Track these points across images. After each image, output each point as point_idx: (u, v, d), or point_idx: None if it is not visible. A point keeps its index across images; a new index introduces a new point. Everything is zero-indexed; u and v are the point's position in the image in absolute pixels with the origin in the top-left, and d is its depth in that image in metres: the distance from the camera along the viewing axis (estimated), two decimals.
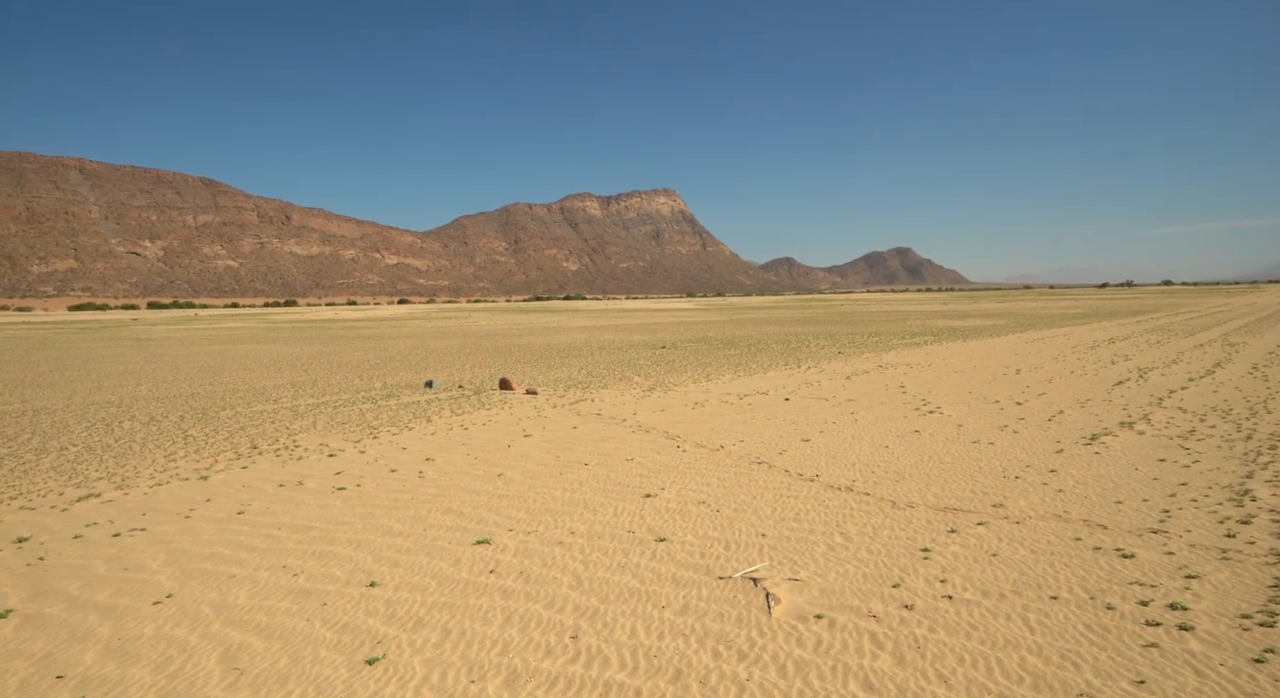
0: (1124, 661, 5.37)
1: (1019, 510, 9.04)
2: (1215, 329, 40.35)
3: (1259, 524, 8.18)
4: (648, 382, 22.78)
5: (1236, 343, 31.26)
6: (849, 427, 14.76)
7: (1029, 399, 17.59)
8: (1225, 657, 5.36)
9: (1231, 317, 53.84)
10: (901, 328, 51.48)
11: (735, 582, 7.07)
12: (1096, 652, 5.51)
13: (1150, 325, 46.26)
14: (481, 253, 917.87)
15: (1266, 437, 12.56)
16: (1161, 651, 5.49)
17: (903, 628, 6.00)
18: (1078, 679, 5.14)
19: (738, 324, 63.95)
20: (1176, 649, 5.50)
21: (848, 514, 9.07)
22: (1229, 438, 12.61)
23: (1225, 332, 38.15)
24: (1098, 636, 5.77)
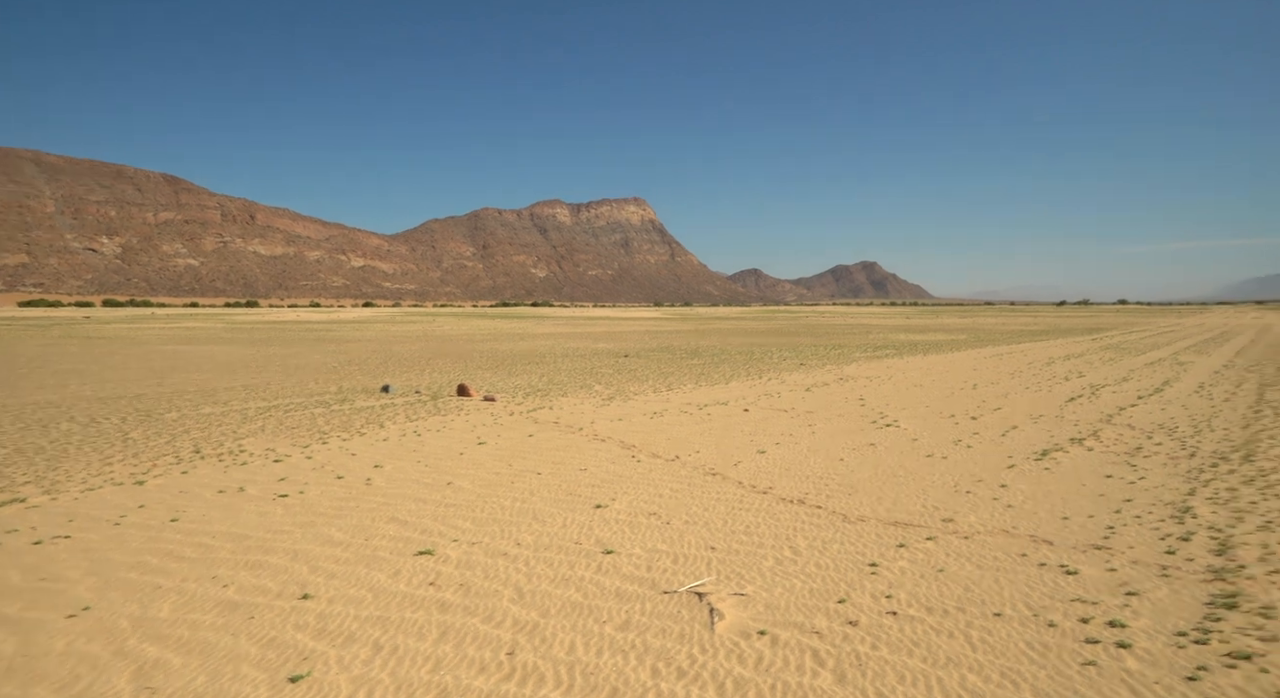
0: (1063, 679, 5.34)
1: (968, 526, 9.04)
2: (1165, 348, 41.31)
3: (1198, 541, 8.26)
4: (608, 390, 22.62)
5: (1185, 362, 32.00)
6: (806, 439, 14.75)
7: (984, 414, 17.76)
8: (1160, 675, 5.36)
9: (1181, 337, 55.21)
10: (864, 341, 51.96)
11: (681, 596, 6.94)
12: (1036, 670, 5.48)
13: (1104, 343, 47.24)
14: (449, 257, 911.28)
15: (1209, 455, 12.78)
16: (1099, 669, 5.47)
17: (845, 645, 5.91)
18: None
19: (703, 334, 64.06)
20: (1114, 668, 5.49)
21: (798, 528, 9.00)
22: (1174, 455, 12.81)
23: (1175, 351, 39.07)
24: (1038, 654, 5.74)
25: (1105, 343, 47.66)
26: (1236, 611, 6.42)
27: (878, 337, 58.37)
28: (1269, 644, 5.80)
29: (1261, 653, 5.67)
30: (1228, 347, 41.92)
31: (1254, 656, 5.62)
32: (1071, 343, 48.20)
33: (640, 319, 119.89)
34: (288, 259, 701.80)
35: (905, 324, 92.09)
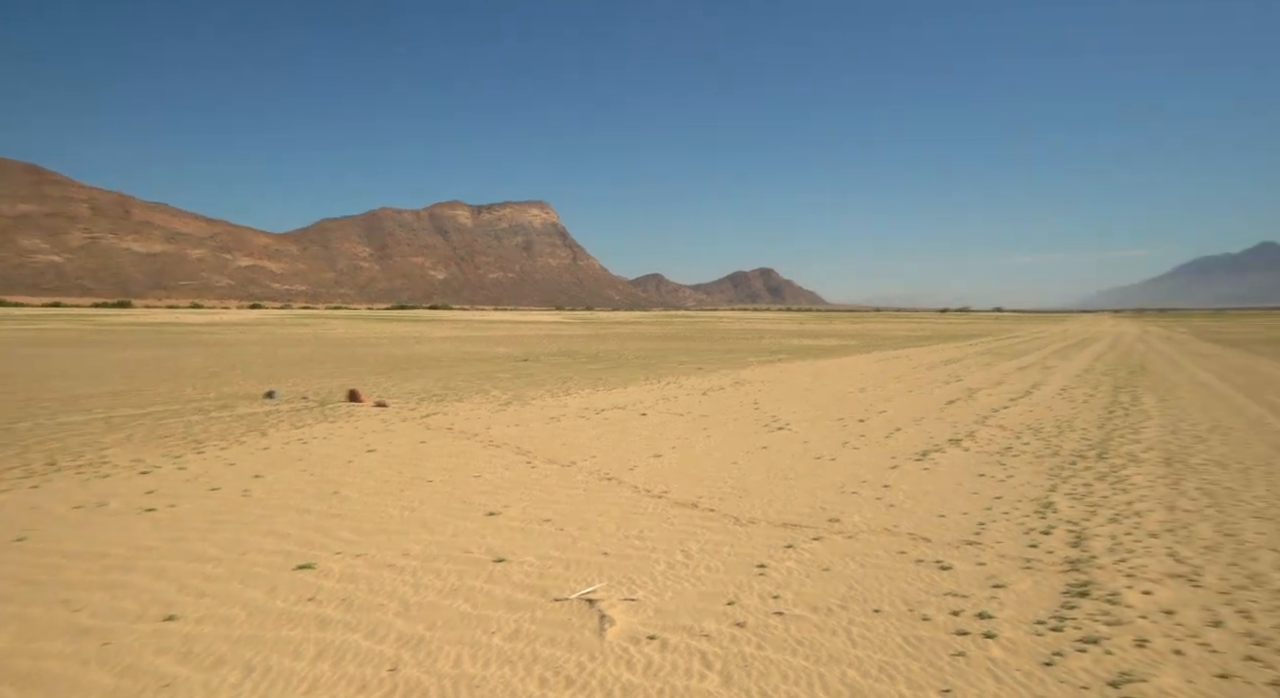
0: (934, 671, 5.60)
1: (853, 525, 9.37)
2: (1034, 353, 44.15)
3: (1057, 535, 8.85)
4: (506, 395, 22.33)
5: (1050, 367, 34.28)
6: (701, 443, 14.97)
7: (871, 417, 18.48)
8: (1021, 662, 5.70)
9: (1048, 342, 59.15)
10: (760, 345, 53.27)
11: (572, 604, 6.90)
12: (910, 663, 5.72)
13: (981, 349, 50.07)
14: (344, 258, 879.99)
15: (1069, 453, 13.72)
16: (968, 659, 5.76)
17: (733, 647, 6.01)
18: (892, 692, 5.29)
19: (603, 338, 64.19)
20: (980, 657, 5.79)
21: (691, 531, 9.11)
22: (1039, 454, 13.69)
23: (1043, 356, 41.80)
24: (913, 647, 5.99)
25: (982, 348, 50.53)
26: (1088, 598, 6.91)
27: (772, 341, 59.96)
28: (1114, 628, 6.26)
29: (1108, 636, 6.11)
30: (1087, 352, 45.18)
31: (1101, 639, 6.06)
32: (952, 348, 50.87)
33: (541, 323, 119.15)
34: (166, 257, 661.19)
35: (799, 329, 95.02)
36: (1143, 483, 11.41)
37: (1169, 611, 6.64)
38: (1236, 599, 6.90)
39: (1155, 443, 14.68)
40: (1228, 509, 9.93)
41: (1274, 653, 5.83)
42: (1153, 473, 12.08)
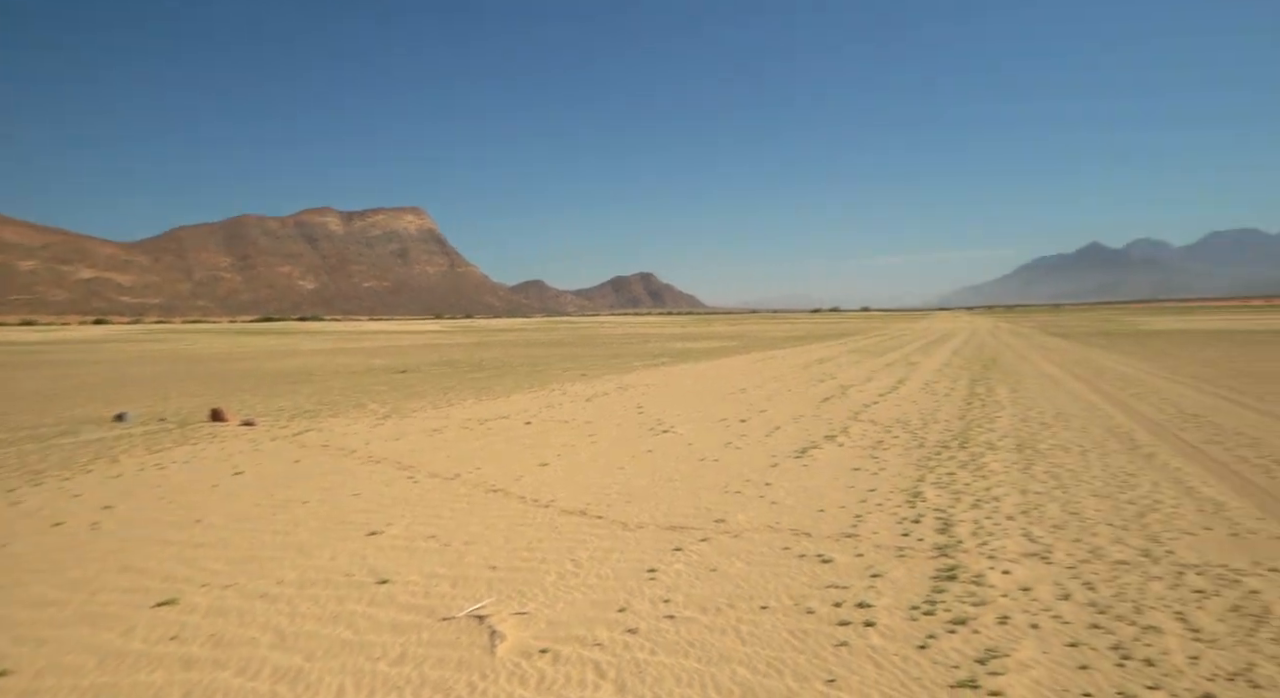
0: (819, 661, 5.80)
1: (738, 525, 9.60)
2: (899, 351, 46.71)
3: (926, 523, 9.38)
4: (385, 408, 21.57)
5: (914, 362, 36.36)
6: (587, 449, 14.95)
7: (751, 417, 19.01)
8: (898, 647, 5.99)
9: (911, 340, 62.74)
10: (642, 350, 53.82)
11: (460, 622, 6.72)
12: (797, 656, 5.91)
13: (851, 347, 52.51)
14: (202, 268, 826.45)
15: (934, 444, 14.59)
16: (850, 648, 6.01)
17: (626, 654, 6.03)
18: (780, 686, 5.45)
19: (485, 346, 63.15)
20: (861, 645, 6.06)
21: (580, 539, 9.08)
22: (907, 446, 14.48)
23: (906, 353, 44.28)
24: (799, 640, 6.19)
25: (852, 347, 53.01)
26: (956, 581, 7.35)
27: (655, 345, 60.73)
28: (979, 608, 6.69)
29: (974, 616, 6.53)
30: (946, 348, 48.23)
31: (968, 620, 6.46)
32: (825, 347, 53.10)
33: (420, 332, 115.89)
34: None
35: (681, 332, 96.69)
36: (999, 469, 12.26)
37: (1026, 588, 7.16)
38: (1081, 573, 7.52)
39: (1008, 431, 15.81)
40: (1071, 490, 10.82)
41: (1114, 620, 6.39)
42: (1007, 459, 13.01)
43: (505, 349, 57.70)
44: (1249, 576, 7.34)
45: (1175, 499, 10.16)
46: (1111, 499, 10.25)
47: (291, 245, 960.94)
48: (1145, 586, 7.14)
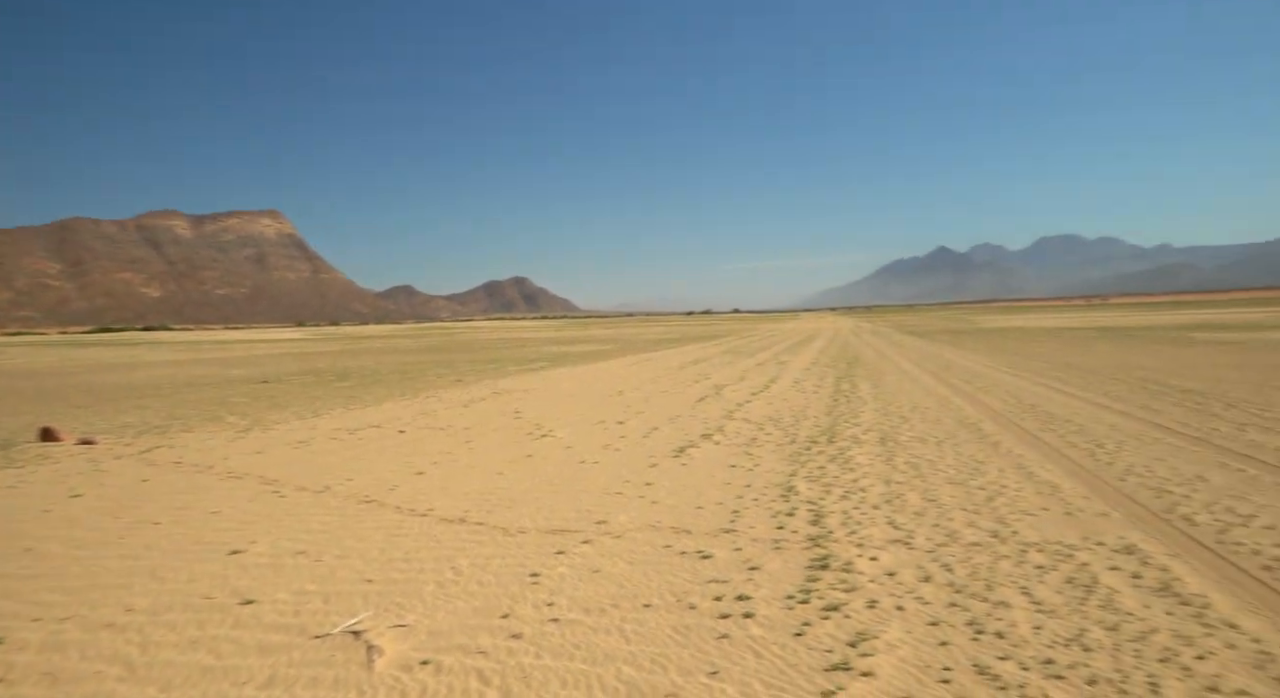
0: (702, 655, 5.94)
1: (619, 525, 9.67)
2: (769, 351, 48.42)
3: (800, 515, 9.78)
4: (244, 421, 20.33)
5: (784, 362, 37.80)
6: (465, 456, 14.66)
7: (629, 418, 19.19)
8: (776, 636, 6.22)
9: (780, 340, 65.17)
10: (519, 354, 53.29)
11: (335, 638, 6.44)
12: (680, 651, 6.02)
13: (725, 348, 53.96)
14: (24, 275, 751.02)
15: (804, 440, 15.22)
16: (731, 640, 6.18)
17: (510, 660, 5.95)
18: (665, 681, 5.54)
19: (353, 354, 60.68)
20: (742, 636, 6.24)
21: (460, 547, 8.89)
22: (780, 443, 15.03)
23: (776, 353, 45.97)
24: (682, 635, 6.32)
25: (725, 348, 54.47)
26: (828, 570, 7.71)
27: (531, 349, 60.27)
28: (850, 594, 7.05)
29: (845, 602, 6.87)
30: (813, 347, 50.42)
31: (840, 606, 6.79)
32: (699, 349, 54.31)
33: (281, 341, 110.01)
34: None
35: (556, 336, 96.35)
36: (864, 461, 12.94)
37: (891, 572, 7.59)
38: (940, 555, 8.05)
39: (872, 425, 16.71)
40: (929, 478, 11.57)
41: (969, 598, 6.88)
42: (871, 451, 13.75)
43: (374, 357, 55.65)
44: (1080, 550, 8.07)
45: (1018, 484, 11.05)
46: (964, 486, 11.02)
47: (133, 250, 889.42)
48: (995, 564, 7.72)
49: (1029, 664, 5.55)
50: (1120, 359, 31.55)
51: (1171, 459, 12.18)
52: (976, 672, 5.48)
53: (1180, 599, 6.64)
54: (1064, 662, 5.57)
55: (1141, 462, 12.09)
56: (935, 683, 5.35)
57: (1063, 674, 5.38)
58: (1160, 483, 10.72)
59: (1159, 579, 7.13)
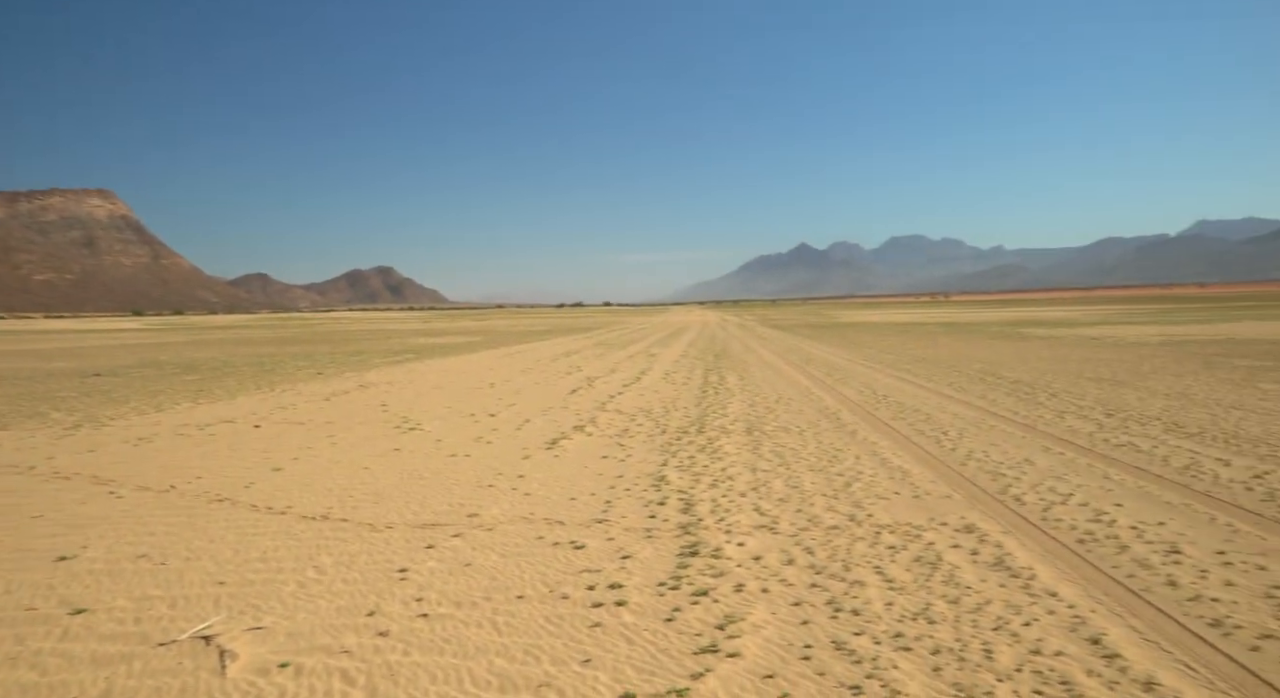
0: (575, 644, 5.97)
1: (491, 518, 9.56)
2: (640, 343, 49.05)
3: (671, 504, 10.00)
4: (73, 417, 18.59)
5: (654, 354, 38.42)
6: (327, 451, 14.04)
7: (501, 411, 18.96)
8: (648, 622, 6.35)
9: (651, 332, 66.15)
10: (385, 346, 51.45)
11: (183, 644, 6.03)
12: (554, 641, 6.03)
13: (596, 341, 54.20)
14: None
15: (675, 431, 15.54)
16: (603, 628, 6.25)
17: (377, 658, 5.77)
18: (538, 672, 5.53)
19: (200, 345, 56.70)
20: (614, 624, 6.33)
21: (323, 545, 8.52)
22: (651, 433, 15.28)
23: (647, 345, 46.63)
24: (555, 626, 6.33)
25: (597, 340, 54.72)
26: (698, 556, 7.93)
27: (398, 341, 58.33)
28: (718, 579, 7.28)
29: (714, 587, 7.09)
30: (683, 340, 51.49)
31: (709, 591, 7.00)
32: (571, 341, 54.28)
33: (115, 331, 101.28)
34: None
35: (425, 328, 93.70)
36: (732, 451, 13.37)
37: (757, 557, 7.89)
38: (802, 539, 8.45)
39: (739, 416, 17.27)
40: (792, 466, 12.09)
41: (828, 578, 7.27)
42: (739, 441, 14.21)
43: (225, 348, 52.21)
44: (927, 530, 8.68)
45: (873, 469, 11.74)
46: (824, 473, 11.60)
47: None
48: (852, 546, 8.18)
49: (881, 639, 5.93)
50: (961, 352, 34.04)
51: (1004, 444, 13.29)
52: (835, 648, 5.80)
53: (1011, 572, 7.27)
54: (912, 634, 5.99)
55: (980, 447, 13.12)
56: (797, 660, 5.62)
57: (910, 646, 5.78)
58: (995, 466, 11.68)
59: (994, 555, 7.77)
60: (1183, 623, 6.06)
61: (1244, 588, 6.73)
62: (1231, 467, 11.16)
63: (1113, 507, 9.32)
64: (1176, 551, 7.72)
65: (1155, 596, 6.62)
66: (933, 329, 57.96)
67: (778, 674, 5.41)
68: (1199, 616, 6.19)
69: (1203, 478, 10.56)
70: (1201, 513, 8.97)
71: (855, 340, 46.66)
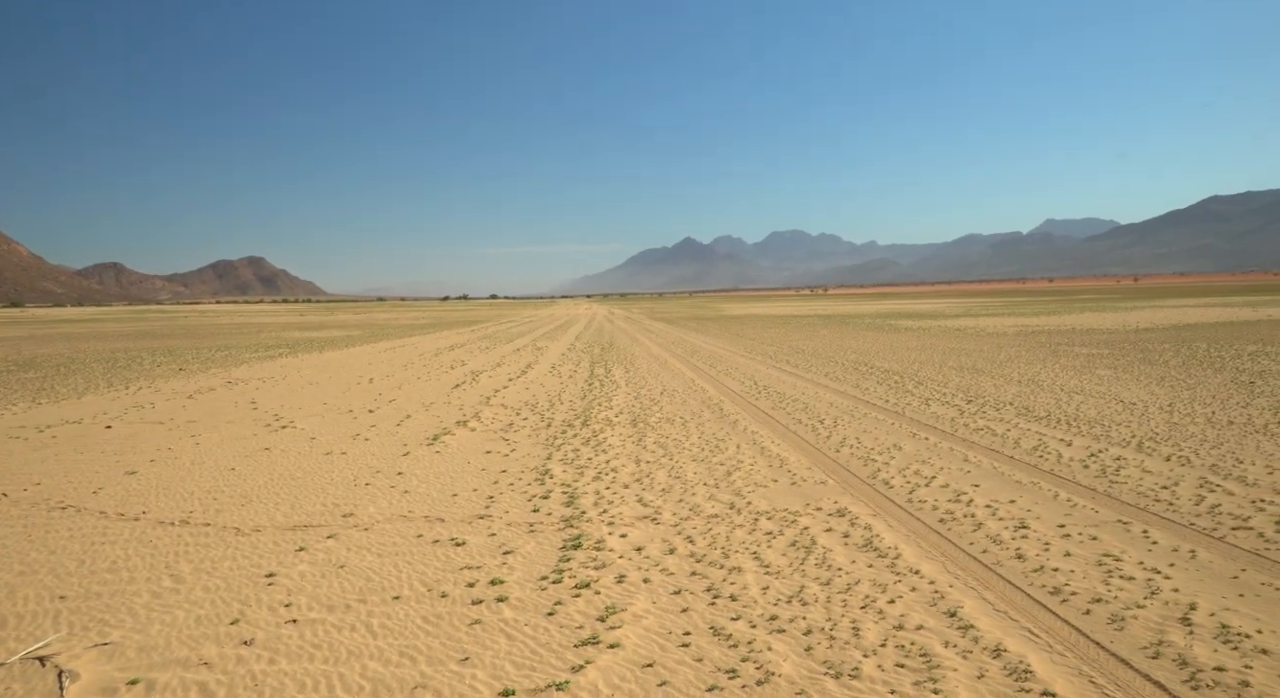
0: (453, 643, 5.85)
1: (368, 517, 9.23)
2: (527, 337, 48.58)
3: (554, 497, 9.95)
4: None
5: (541, 347, 38.13)
6: (189, 451, 13.17)
7: (380, 406, 18.34)
8: (529, 617, 6.29)
9: (538, 326, 65.62)
10: (255, 341, 48.80)
11: (13, 667, 5.51)
12: (431, 641, 5.89)
13: (482, 334, 53.28)
14: None
15: (560, 424, 15.48)
16: (483, 625, 6.15)
17: (240, 668, 5.46)
18: (413, 673, 5.38)
19: (42, 340, 52.10)
20: (494, 620, 6.24)
21: (181, 552, 7.99)
22: (536, 427, 15.16)
23: (534, 338, 46.24)
24: (433, 625, 6.17)
25: (483, 333, 53.79)
26: (580, 549, 7.92)
27: (270, 335, 55.45)
28: (600, 571, 7.30)
29: (596, 579, 7.11)
30: (570, 333, 51.34)
31: (591, 582, 7.02)
32: (456, 334, 53.12)
33: None
34: None
35: (300, 321, 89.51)
36: (617, 443, 13.43)
37: (640, 547, 7.97)
38: (684, 529, 8.59)
39: (624, 408, 17.38)
40: (675, 456, 12.27)
41: (708, 566, 7.42)
42: (624, 433, 14.30)
43: (72, 344, 48.18)
44: (802, 516, 9.01)
45: (752, 458, 12.07)
46: (706, 462, 11.83)
47: None
48: (731, 533, 8.38)
49: (757, 622, 6.11)
50: (838, 344, 35.52)
51: (876, 431, 13.96)
52: (713, 633, 5.92)
53: (879, 553, 7.64)
54: (786, 616, 6.19)
55: (853, 434, 13.72)
56: (676, 648, 5.70)
57: (784, 628, 5.98)
58: (867, 452, 12.24)
59: (863, 537, 8.15)
60: (1028, 593, 6.54)
61: (1079, 557, 7.33)
62: (1072, 447, 12.13)
63: (971, 487, 9.95)
64: (1024, 526, 8.32)
65: (1005, 569, 7.12)
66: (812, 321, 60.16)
67: (657, 663, 5.48)
68: (1042, 585, 6.70)
69: (1048, 458, 11.43)
70: (1047, 490, 9.71)
71: (739, 333, 47.83)
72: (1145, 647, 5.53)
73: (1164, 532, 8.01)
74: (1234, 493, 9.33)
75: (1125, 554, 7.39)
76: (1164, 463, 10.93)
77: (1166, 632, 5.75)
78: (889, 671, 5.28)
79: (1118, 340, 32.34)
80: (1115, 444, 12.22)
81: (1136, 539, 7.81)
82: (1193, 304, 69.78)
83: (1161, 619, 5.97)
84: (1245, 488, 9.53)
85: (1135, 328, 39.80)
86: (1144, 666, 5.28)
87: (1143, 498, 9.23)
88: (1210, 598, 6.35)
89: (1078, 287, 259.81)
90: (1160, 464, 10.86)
